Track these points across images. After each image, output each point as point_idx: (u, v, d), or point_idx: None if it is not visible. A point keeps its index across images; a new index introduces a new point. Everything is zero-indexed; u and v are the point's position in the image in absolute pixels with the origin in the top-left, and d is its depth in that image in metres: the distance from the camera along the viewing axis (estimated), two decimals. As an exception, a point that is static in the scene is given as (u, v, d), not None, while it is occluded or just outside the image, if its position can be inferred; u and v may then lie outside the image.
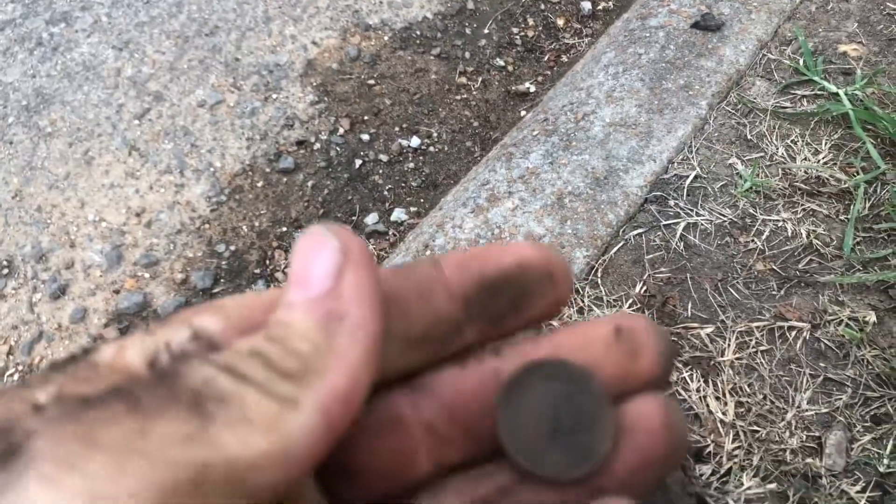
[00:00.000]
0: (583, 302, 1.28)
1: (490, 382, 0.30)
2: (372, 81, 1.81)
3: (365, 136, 1.71)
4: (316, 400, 0.23)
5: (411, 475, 0.29)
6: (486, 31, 1.92)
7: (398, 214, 1.58)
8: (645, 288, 1.30)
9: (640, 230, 1.37)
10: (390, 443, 0.29)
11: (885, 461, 1.13)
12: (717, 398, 1.18)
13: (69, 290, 1.51)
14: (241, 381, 0.22)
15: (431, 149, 1.69)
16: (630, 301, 1.28)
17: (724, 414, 1.17)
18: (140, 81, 1.82)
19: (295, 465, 0.22)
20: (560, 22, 1.99)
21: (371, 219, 1.58)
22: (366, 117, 1.75)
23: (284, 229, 1.58)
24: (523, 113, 1.73)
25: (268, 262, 1.54)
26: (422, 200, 1.61)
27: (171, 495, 0.19)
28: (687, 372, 1.21)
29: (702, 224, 1.38)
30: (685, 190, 1.42)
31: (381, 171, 1.66)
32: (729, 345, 1.23)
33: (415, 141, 1.70)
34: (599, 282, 1.31)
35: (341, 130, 1.72)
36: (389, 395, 0.30)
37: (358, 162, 1.67)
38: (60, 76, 1.84)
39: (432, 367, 0.31)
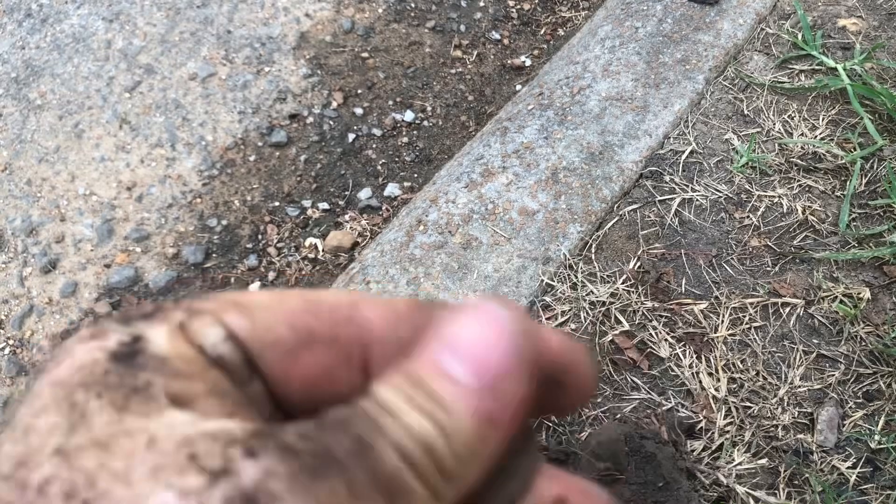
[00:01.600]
0: (576, 278, 1.27)
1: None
2: (366, 54, 1.78)
3: (358, 110, 1.69)
4: (454, 497, 0.23)
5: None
6: (481, 3, 1.89)
7: (392, 189, 1.57)
8: (639, 264, 1.29)
9: (634, 206, 1.36)
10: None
11: (877, 437, 1.13)
12: (710, 374, 1.18)
13: (60, 264, 1.50)
14: (416, 475, 0.22)
15: (425, 123, 1.67)
16: (624, 277, 1.27)
17: (716, 390, 1.17)
18: (131, 54, 1.80)
19: None
20: (557, -5, 1.96)
21: (364, 194, 1.57)
22: (359, 91, 1.73)
23: (277, 204, 1.56)
24: (518, 87, 1.71)
25: (260, 236, 1.53)
26: (415, 175, 1.59)
27: None
28: (680, 348, 1.20)
29: (697, 200, 1.37)
30: (681, 165, 1.41)
31: (374, 146, 1.64)
32: (722, 321, 1.23)
33: (409, 115, 1.68)
34: (593, 257, 1.30)
35: (334, 104, 1.70)
36: None
37: (351, 136, 1.65)
38: (50, 48, 1.82)
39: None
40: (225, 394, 0.23)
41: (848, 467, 1.11)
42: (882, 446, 1.12)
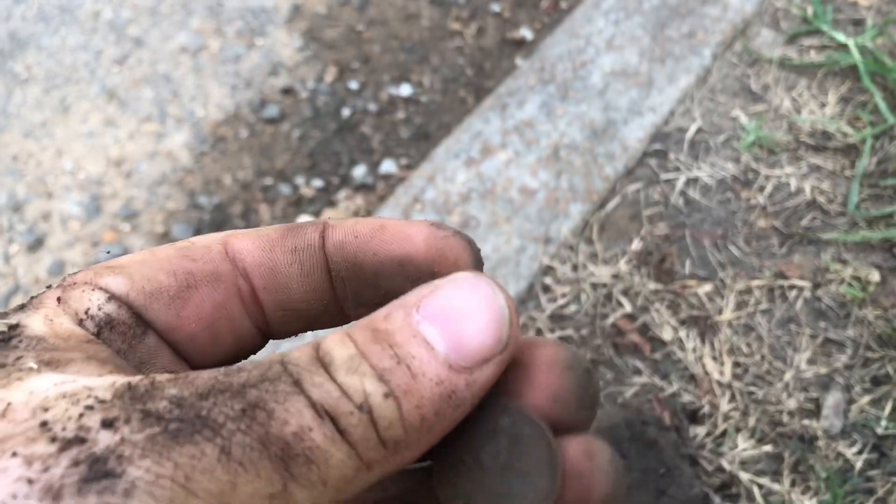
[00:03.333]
0: (577, 259, 1.24)
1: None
2: (361, 27, 1.73)
3: (353, 85, 1.64)
4: (386, 469, 0.22)
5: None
6: (481, -25, 1.84)
7: (388, 166, 1.52)
8: (642, 244, 1.25)
9: (638, 184, 1.32)
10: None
11: (884, 423, 1.10)
12: (714, 358, 1.15)
13: (46, 242, 1.46)
14: (337, 439, 0.21)
15: (423, 98, 1.62)
16: (626, 257, 1.24)
17: (720, 374, 1.14)
18: (119, 26, 1.75)
19: None
20: (559, -33, 1.90)
21: (359, 171, 1.52)
22: (354, 65, 1.68)
23: (269, 181, 1.52)
24: (519, 61, 1.66)
25: (252, 215, 1.48)
26: (412, 152, 1.55)
27: None
28: (683, 331, 1.17)
29: (702, 179, 1.33)
30: (686, 143, 1.37)
31: (370, 122, 1.60)
32: (727, 304, 1.19)
33: (405, 89, 1.63)
34: (595, 238, 1.26)
35: (329, 78, 1.65)
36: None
37: (346, 111, 1.61)
38: (36, 19, 1.76)
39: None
40: (105, 358, 0.23)
41: (854, 453, 1.08)
42: (889, 432, 1.09)
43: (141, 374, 0.22)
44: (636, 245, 1.25)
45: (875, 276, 1.21)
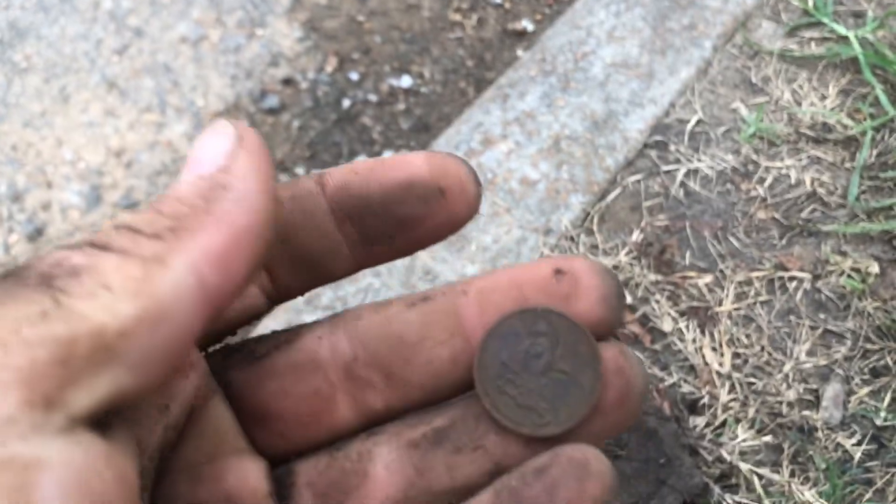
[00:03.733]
0: (578, 250, 1.24)
1: (412, 324, 0.29)
2: (362, 17, 1.73)
3: (354, 76, 1.64)
4: (186, 258, 0.21)
5: (331, 421, 0.28)
6: (482, -34, 1.83)
7: (388, 157, 1.52)
8: (642, 236, 1.26)
9: (638, 176, 1.32)
10: (307, 387, 0.28)
11: (883, 414, 1.10)
12: (714, 349, 1.15)
13: (46, 232, 1.46)
14: (99, 252, 0.21)
15: (423, 89, 1.62)
16: (627, 249, 1.24)
17: (720, 365, 1.14)
18: (119, 15, 1.74)
19: (169, 329, 0.21)
20: (560, -42, 1.90)
21: (360, 162, 1.52)
22: (355, 55, 1.67)
23: (270, 171, 1.52)
24: (520, 52, 1.66)
25: (252, 205, 1.48)
26: (412, 143, 1.55)
27: (35, 376, 0.18)
28: (683, 322, 1.17)
29: (703, 170, 1.33)
30: (686, 135, 1.37)
31: (370, 112, 1.59)
32: (727, 295, 1.20)
33: (406, 80, 1.63)
34: (595, 229, 1.26)
35: (329, 69, 1.65)
36: (302, 333, 0.29)
37: (346, 102, 1.60)
38: (35, 9, 1.75)
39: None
40: None
41: (853, 444, 1.09)
42: (888, 423, 1.10)
43: None
44: (636, 236, 1.25)
45: (874, 268, 1.21)
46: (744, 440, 1.08)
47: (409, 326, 0.29)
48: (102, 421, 0.20)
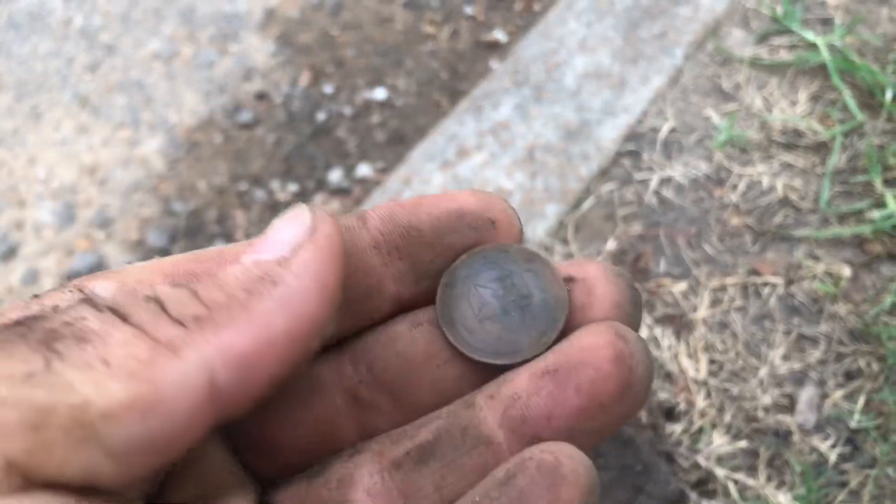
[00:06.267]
0: (553, 259, 1.24)
1: (417, 343, 0.28)
2: (335, 31, 1.73)
3: (328, 89, 1.64)
4: (201, 353, 0.20)
5: (334, 445, 0.27)
6: (455, -22, 1.84)
7: (363, 170, 1.52)
8: (617, 244, 1.26)
9: (612, 184, 1.33)
10: (311, 413, 0.27)
11: (857, 417, 1.11)
12: (689, 356, 1.16)
13: (19, 251, 1.44)
14: (115, 322, 0.20)
15: (398, 102, 1.62)
16: (601, 258, 1.24)
17: (696, 372, 1.14)
18: (91, 32, 1.73)
19: (162, 423, 0.19)
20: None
21: (335, 175, 1.52)
22: (329, 69, 1.67)
23: (244, 186, 1.51)
24: (493, 64, 1.67)
25: (227, 220, 1.48)
26: (388, 155, 1.55)
27: (5, 435, 0.17)
28: (659, 330, 1.18)
29: (676, 178, 1.34)
30: (659, 143, 1.38)
31: (345, 125, 1.59)
32: (702, 301, 1.20)
33: (380, 93, 1.63)
34: (570, 238, 1.27)
35: (303, 83, 1.65)
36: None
37: (321, 115, 1.60)
38: (6, 27, 1.74)
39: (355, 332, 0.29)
40: None
41: (828, 447, 1.09)
42: (862, 425, 1.11)
43: None
44: (611, 245, 1.26)
45: (846, 272, 1.22)
46: (720, 446, 1.09)
47: (414, 346, 0.28)
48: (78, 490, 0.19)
